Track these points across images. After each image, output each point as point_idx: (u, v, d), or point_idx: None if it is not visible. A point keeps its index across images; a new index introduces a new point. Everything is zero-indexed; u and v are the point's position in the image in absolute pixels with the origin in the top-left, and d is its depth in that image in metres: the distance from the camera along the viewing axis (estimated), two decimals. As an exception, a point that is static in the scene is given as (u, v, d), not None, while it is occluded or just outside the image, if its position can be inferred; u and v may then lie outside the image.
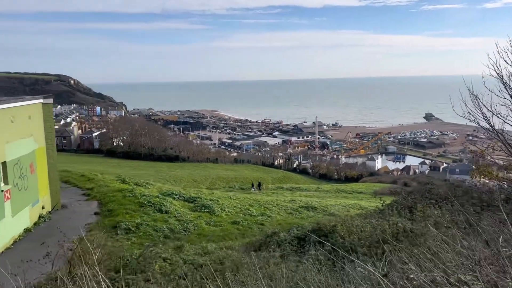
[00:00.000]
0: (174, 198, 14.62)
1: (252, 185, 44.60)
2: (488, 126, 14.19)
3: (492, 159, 15.24)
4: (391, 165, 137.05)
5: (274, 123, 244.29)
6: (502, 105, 13.82)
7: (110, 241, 9.21)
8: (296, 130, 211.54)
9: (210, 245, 8.44)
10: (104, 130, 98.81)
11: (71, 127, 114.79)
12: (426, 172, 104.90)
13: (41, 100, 11.18)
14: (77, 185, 14.97)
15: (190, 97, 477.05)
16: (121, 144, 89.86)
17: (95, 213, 11.71)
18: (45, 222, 10.83)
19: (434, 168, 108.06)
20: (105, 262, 6.47)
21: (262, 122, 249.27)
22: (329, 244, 7.99)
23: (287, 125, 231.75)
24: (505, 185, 13.35)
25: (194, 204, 14.25)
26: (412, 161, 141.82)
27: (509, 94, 13.40)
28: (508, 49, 13.33)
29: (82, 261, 6.10)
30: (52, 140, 11.47)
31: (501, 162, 15.17)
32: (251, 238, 9.07)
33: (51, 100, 11.70)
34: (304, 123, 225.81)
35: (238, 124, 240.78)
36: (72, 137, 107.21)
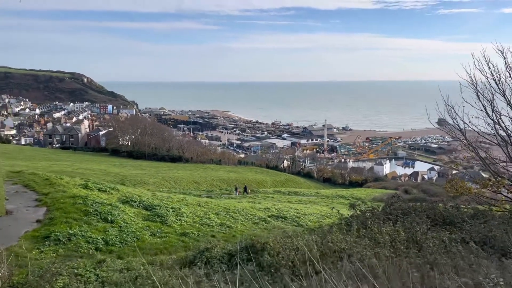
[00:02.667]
0: (132, 206, 14.28)
1: (236, 189, 43.96)
2: (462, 137, 13.69)
3: (463, 171, 14.66)
4: (400, 171, 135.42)
5: (284, 125, 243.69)
6: (476, 117, 13.27)
7: (34, 252, 8.96)
8: (306, 132, 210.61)
9: (137, 260, 8.10)
10: (111, 129, 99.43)
11: (79, 125, 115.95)
12: (434, 178, 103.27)
13: None
14: (35, 189, 14.75)
15: (201, 97, 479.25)
16: (128, 143, 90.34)
17: (37, 221, 11.45)
18: None
19: (442, 174, 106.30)
20: (9, 278, 6.19)
21: (272, 123, 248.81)
22: (250, 264, 7.62)
23: (297, 127, 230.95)
24: (476, 200, 12.81)
25: (151, 212, 13.92)
26: (421, 166, 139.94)
27: (482, 105, 12.86)
28: (482, 60, 12.79)
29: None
30: None
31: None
32: (193, 252, 8.71)
33: None
34: (314, 126, 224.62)
35: (248, 125, 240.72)
36: (79, 135, 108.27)
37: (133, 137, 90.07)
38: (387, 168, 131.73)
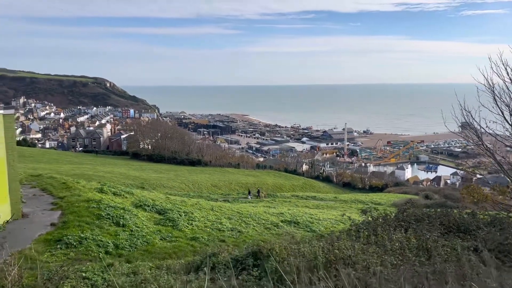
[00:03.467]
0: (145, 210, 14.44)
1: (249, 192, 43.97)
2: (479, 142, 13.35)
3: (481, 175, 14.28)
4: (422, 175, 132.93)
5: (303, 129, 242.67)
6: (494, 122, 12.93)
7: (46, 255, 9.17)
8: (325, 136, 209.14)
9: (144, 264, 8.20)
10: (132, 133, 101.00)
11: (102, 129, 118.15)
12: (458, 183, 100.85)
13: (1, 111, 11.37)
14: (52, 193, 15.08)
15: (221, 101, 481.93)
16: (148, 147, 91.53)
17: (51, 224, 11.70)
18: None
19: (466, 179, 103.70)
20: (19, 280, 6.36)
21: (291, 127, 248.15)
22: (255, 270, 7.62)
23: (317, 130, 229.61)
24: (494, 207, 12.48)
25: (163, 216, 14.05)
26: (444, 171, 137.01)
27: (500, 109, 12.53)
28: (499, 63, 12.47)
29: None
30: (13, 150, 11.62)
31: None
32: (200, 256, 8.76)
33: (12, 111, 11.87)
34: (334, 129, 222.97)
35: (267, 129, 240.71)
36: (102, 138, 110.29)
37: (153, 141, 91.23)
38: (408, 172, 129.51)
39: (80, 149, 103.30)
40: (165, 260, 9.03)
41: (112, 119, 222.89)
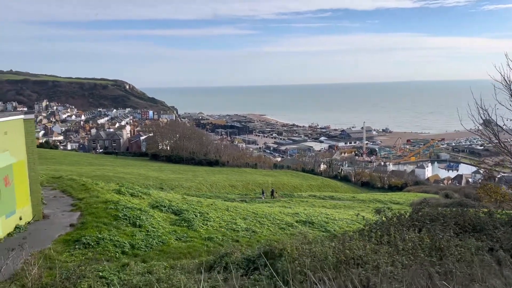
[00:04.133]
0: (161, 211, 14.69)
1: (262, 192, 43.97)
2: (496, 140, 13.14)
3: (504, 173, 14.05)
4: (443, 174, 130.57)
5: (321, 128, 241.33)
6: (511, 119, 12.71)
7: (65, 255, 9.47)
8: (344, 135, 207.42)
9: (159, 264, 8.39)
10: (151, 134, 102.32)
11: (121, 131, 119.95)
12: (479, 182, 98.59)
13: (22, 116, 11.77)
14: (72, 194, 15.50)
15: (238, 101, 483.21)
16: (167, 147, 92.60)
17: (71, 225, 12.04)
18: (19, 233, 11.31)
19: (488, 177, 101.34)
20: (39, 279, 6.63)
21: (309, 126, 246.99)
22: (266, 270, 7.72)
23: (335, 130, 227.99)
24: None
25: (179, 217, 14.27)
26: (466, 169, 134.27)
27: (517, 107, 12.31)
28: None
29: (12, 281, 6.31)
30: (33, 154, 12.01)
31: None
32: (213, 256, 8.93)
33: (32, 116, 12.28)
34: (352, 128, 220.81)
35: (285, 128, 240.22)
36: (121, 140, 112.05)
37: (172, 142, 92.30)
38: (429, 171, 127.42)
39: (101, 150, 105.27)
40: (179, 260, 9.23)
41: (131, 121, 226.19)
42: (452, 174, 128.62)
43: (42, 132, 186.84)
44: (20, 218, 11.62)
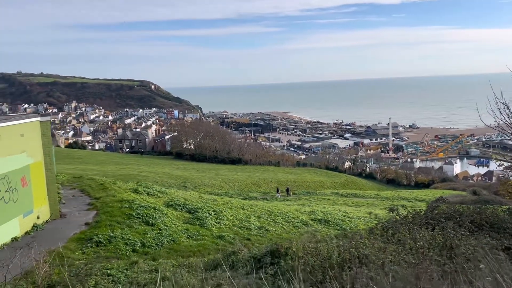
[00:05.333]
0: (176, 209, 14.84)
1: (277, 190, 43.82)
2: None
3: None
4: (472, 170, 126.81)
5: (346, 125, 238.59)
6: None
7: (78, 253, 9.71)
8: (369, 131, 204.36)
9: (167, 262, 8.48)
10: (176, 134, 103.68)
11: (147, 130, 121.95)
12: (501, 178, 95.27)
13: (38, 118, 12.15)
14: (90, 194, 15.89)
15: (263, 99, 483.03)
16: (191, 146, 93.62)
17: (86, 224, 12.34)
18: (36, 232, 11.70)
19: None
20: (49, 276, 6.84)
21: (333, 123, 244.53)
22: (271, 268, 7.71)
23: (360, 126, 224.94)
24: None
25: (192, 215, 14.39)
26: (497, 165, 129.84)
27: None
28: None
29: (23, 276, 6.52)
30: (50, 155, 12.37)
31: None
32: (221, 255, 8.98)
33: (48, 118, 12.64)
34: (378, 125, 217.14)
35: (309, 126, 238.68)
36: (147, 139, 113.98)
37: (196, 140, 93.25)
38: (457, 167, 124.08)
39: (127, 150, 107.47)
40: (188, 258, 9.32)
41: (157, 120, 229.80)
42: (482, 170, 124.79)
43: (72, 132, 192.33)
44: (38, 217, 12.02)
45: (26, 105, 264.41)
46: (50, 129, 12.69)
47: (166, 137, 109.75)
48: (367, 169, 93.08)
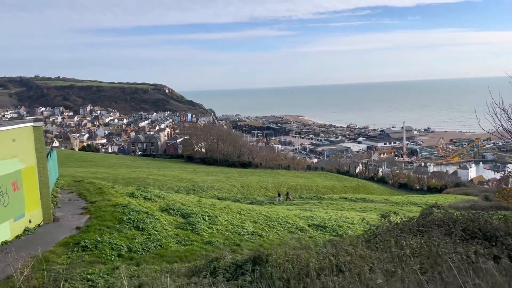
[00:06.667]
0: (170, 214, 14.82)
1: (278, 195, 43.59)
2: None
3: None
4: (488, 175, 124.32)
5: (359, 128, 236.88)
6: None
7: (63, 258, 9.78)
8: (383, 135, 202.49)
9: (150, 267, 8.49)
10: (187, 137, 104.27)
11: (159, 134, 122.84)
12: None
13: (31, 124, 12.33)
14: (86, 198, 16.02)
15: (275, 102, 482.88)
16: (203, 150, 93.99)
17: (77, 228, 12.43)
18: (27, 235, 11.83)
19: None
20: (27, 281, 6.92)
21: (347, 127, 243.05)
22: (252, 275, 7.68)
23: (374, 130, 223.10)
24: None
25: (186, 220, 14.37)
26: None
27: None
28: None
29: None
30: (43, 159, 12.53)
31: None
32: (205, 261, 8.97)
33: (41, 123, 12.80)
34: (392, 128, 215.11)
35: (322, 129, 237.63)
36: (159, 143, 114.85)
37: (208, 143, 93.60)
38: (473, 172, 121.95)
39: (139, 153, 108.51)
40: (174, 264, 9.33)
41: (170, 124, 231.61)
42: (498, 175, 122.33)
43: (87, 135, 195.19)
44: (30, 221, 12.19)
45: (43, 108, 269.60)
46: (43, 134, 12.88)
47: (178, 140, 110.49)
48: (381, 173, 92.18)
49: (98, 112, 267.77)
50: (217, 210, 16.59)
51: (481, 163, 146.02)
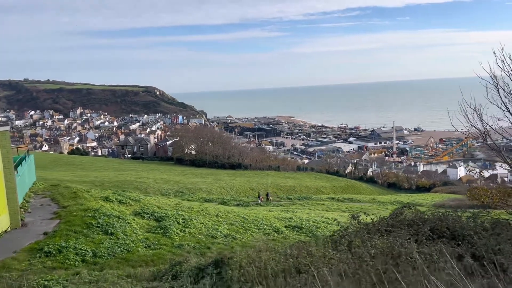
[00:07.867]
0: (143, 218, 14.70)
1: (259, 196, 43.63)
2: (489, 141, 12.53)
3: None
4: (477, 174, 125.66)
5: (350, 129, 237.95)
6: (499, 119, 12.08)
7: (24, 264, 9.62)
8: (374, 135, 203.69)
9: (113, 272, 8.39)
10: (177, 139, 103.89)
11: (149, 136, 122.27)
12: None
13: None
14: (59, 202, 15.82)
15: (267, 103, 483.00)
16: (193, 152, 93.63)
17: (44, 233, 12.26)
18: None
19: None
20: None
21: (338, 127, 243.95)
22: (213, 278, 7.64)
23: (365, 130, 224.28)
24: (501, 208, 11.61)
25: (158, 223, 14.25)
26: (502, 169, 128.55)
27: (505, 106, 11.67)
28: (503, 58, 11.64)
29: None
30: (9, 164, 12.36)
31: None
32: (168, 265, 8.88)
33: (7, 128, 12.64)
34: (382, 128, 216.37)
35: (313, 130, 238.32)
36: (149, 145, 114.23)
37: (198, 145, 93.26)
38: (461, 171, 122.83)
39: (129, 156, 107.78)
40: (139, 268, 9.22)
41: (162, 126, 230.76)
42: (487, 173, 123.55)
43: (77, 138, 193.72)
44: (-4, 227, 12.02)
45: (33, 112, 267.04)
46: (9, 139, 12.70)
47: (168, 142, 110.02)
48: (371, 173, 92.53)
49: (89, 115, 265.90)
50: (194, 213, 16.48)
51: (470, 162, 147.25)
